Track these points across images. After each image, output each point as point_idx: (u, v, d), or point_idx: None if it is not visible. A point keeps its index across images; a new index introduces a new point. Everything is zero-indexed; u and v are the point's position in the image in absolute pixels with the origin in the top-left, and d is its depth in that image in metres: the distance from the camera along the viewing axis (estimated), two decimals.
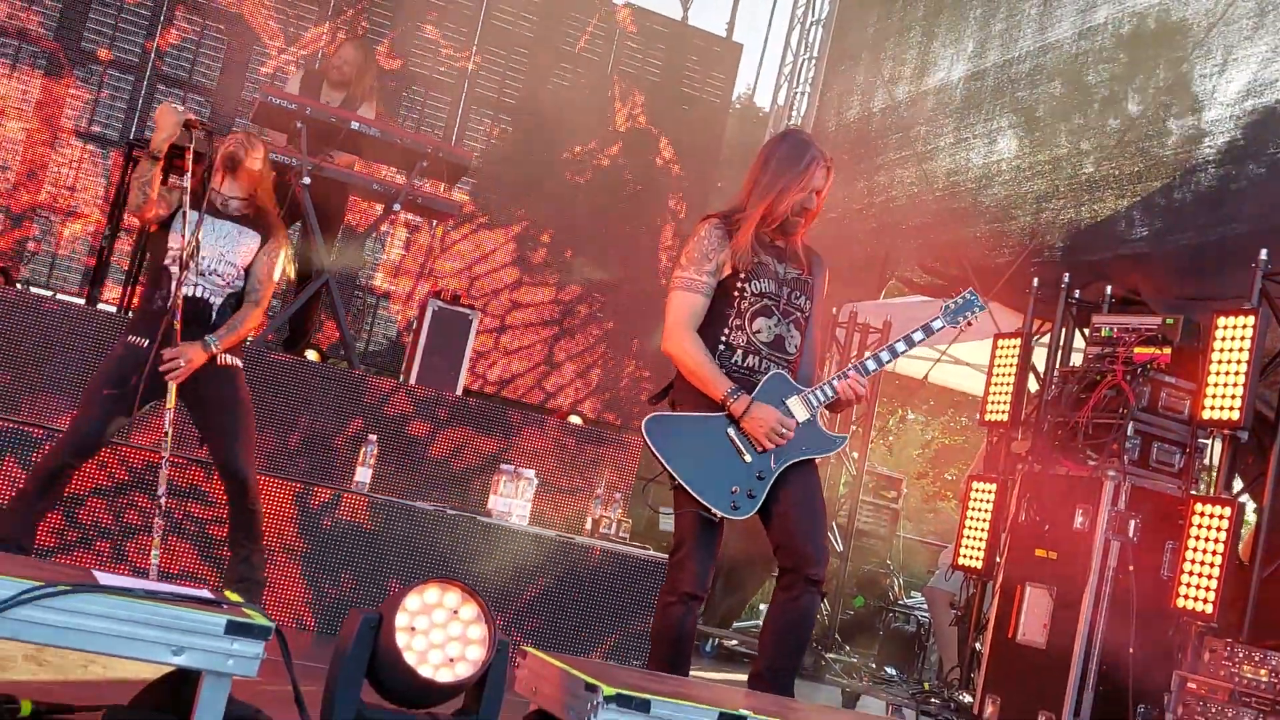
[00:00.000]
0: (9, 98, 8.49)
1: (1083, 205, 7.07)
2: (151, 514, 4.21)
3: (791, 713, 3.08)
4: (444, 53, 9.51)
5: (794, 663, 3.65)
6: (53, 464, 4.28)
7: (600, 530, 5.80)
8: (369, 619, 2.57)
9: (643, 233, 9.96)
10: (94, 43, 8.72)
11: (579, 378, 9.68)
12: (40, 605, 2.25)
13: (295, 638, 4.60)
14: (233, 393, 4.46)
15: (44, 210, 8.54)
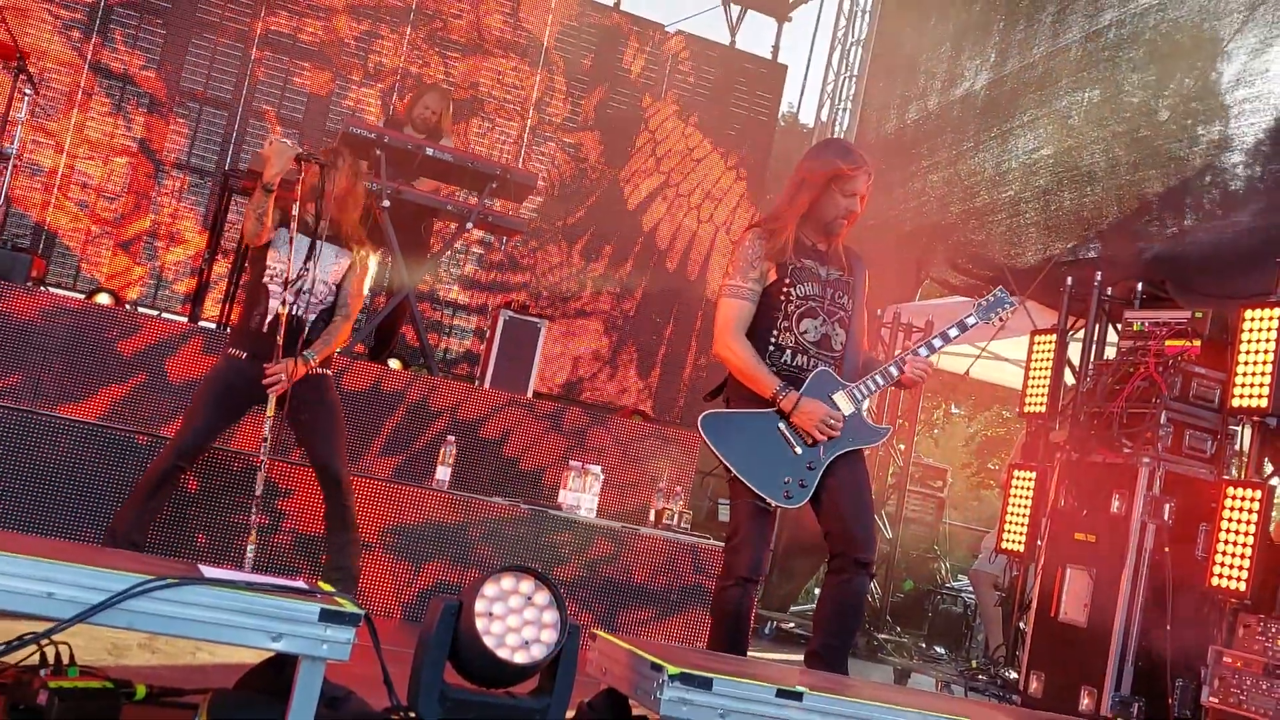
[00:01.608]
0: (115, 135, 8.67)
1: (1113, 206, 6.96)
2: (249, 512, 4.27)
3: (845, 688, 3.06)
4: (510, 81, 9.57)
5: (846, 641, 3.63)
6: (162, 467, 4.33)
7: (663, 521, 5.79)
8: (450, 606, 2.58)
9: (696, 244, 9.96)
10: (191, 82, 8.88)
11: (640, 379, 9.70)
12: (151, 597, 2.28)
13: (383, 624, 4.60)
14: (324, 397, 4.50)
15: (149, 237, 8.71)
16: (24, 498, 4.70)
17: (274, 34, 9.04)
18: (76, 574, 2.25)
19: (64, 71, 8.51)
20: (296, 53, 9.09)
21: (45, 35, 8.46)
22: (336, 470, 4.47)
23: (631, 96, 9.88)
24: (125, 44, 8.71)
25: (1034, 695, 5.80)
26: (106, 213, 8.62)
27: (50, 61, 8.42)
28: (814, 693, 2.75)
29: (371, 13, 9.26)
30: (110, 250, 8.61)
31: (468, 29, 9.47)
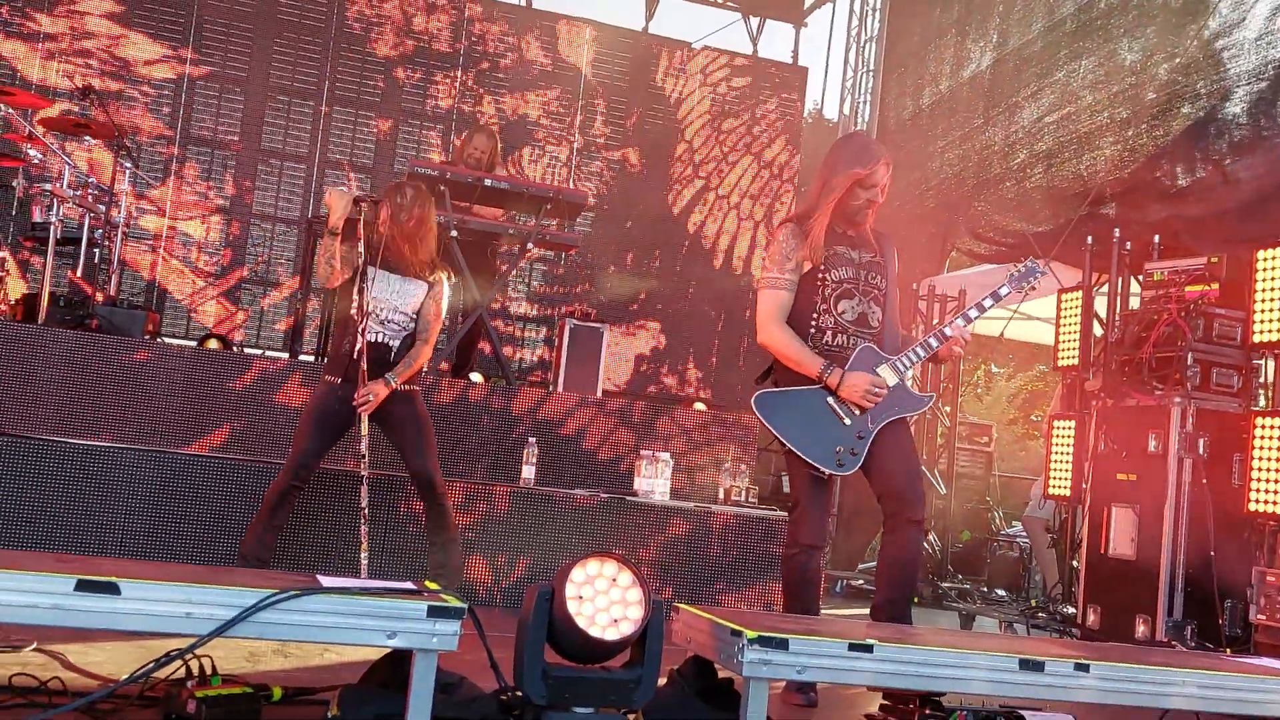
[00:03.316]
0: (209, 195, 8.85)
1: (1126, 165, 6.82)
2: (358, 523, 4.35)
3: (910, 637, 3.05)
4: (554, 109, 9.62)
5: (907, 593, 3.61)
6: (279, 489, 4.41)
7: (731, 498, 5.79)
8: (543, 592, 2.59)
9: (738, 240, 9.93)
10: (270, 141, 9.04)
11: (699, 370, 9.70)
12: (278, 609, 2.33)
13: (486, 614, 4.64)
14: (413, 411, 4.54)
15: (248, 283, 8.88)
16: (159, 528, 4.81)
17: (340, 90, 9.17)
18: (210, 594, 2.30)
19: (159, 144, 8.71)
20: (361, 105, 9.21)
21: (139, 113, 8.65)
22: (430, 478, 4.53)
23: (666, 111, 9.88)
24: (209, 114, 8.89)
25: (1092, 627, 5.73)
26: (208, 266, 8.80)
27: (146, 136, 8.62)
28: (883, 644, 2.74)
29: (424, 62, 9.35)
30: (215, 299, 8.80)
31: (512, 66, 9.53)
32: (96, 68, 8.55)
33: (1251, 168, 5.92)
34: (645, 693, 2.59)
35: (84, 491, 4.72)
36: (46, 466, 4.68)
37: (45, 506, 4.66)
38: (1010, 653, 2.86)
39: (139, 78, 8.71)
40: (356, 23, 9.23)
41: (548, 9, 9.96)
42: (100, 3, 8.64)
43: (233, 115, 8.94)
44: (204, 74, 8.87)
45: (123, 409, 5.30)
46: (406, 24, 9.35)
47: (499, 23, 9.59)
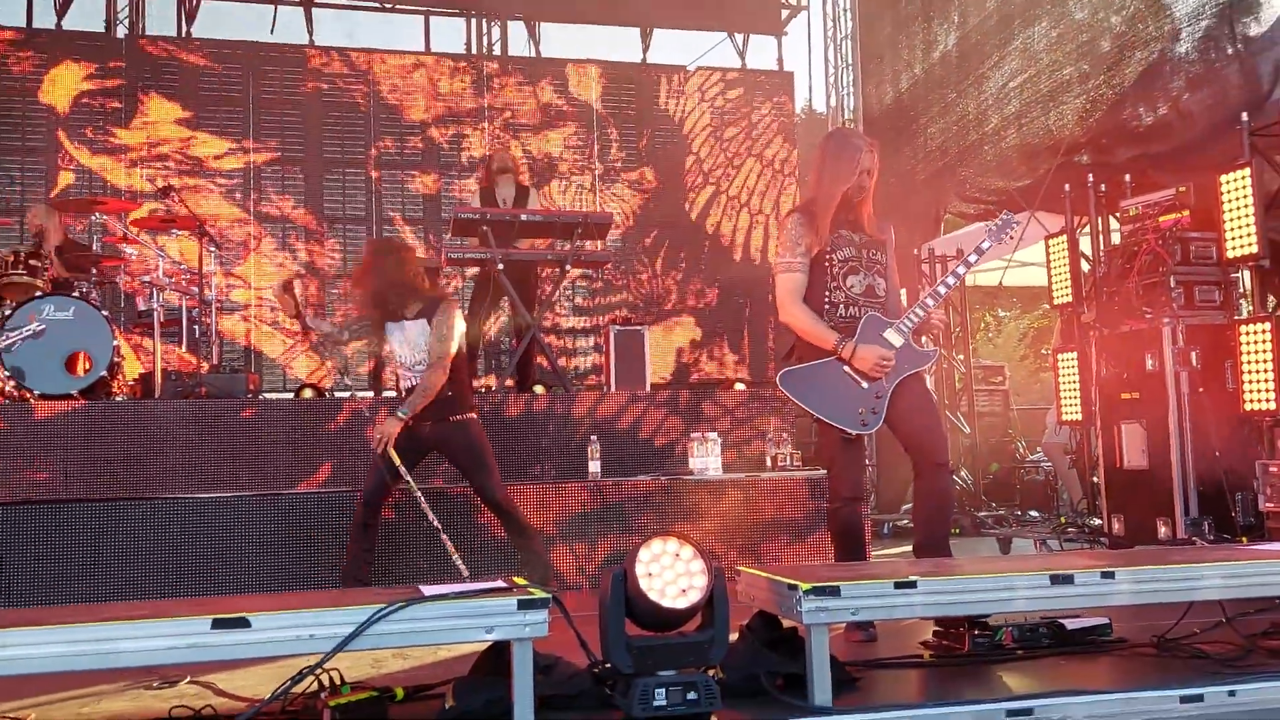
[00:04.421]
0: (286, 264, 8.98)
1: (1091, 114, 6.71)
2: (439, 535, 4.37)
3: (950, 569, 3.03)
4: (574, 143, 9.64)
5: (943, 530, 3.57)
6: (359, 519, 4.43)
7: (778, 464, 5.76)
8: (617, 574, 2.60)
9: (752, 234, 9.89)
10: (332, 208, 9.15)
11: (734, 354, 9.67)
12: (388, 620, 2.36)
13: (576, 597, 4.67)
14: (466, 438, 4.48)
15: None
16: (279, 562, 4.86)
17: (385, 155, 9.25)
18: (329, 615, 2.34)
19: (236, 226, 8.85)
20: (405, 165, 9.29)
21: (215, 202, 8.80)
22: (491, 496, 4.51)
23: (673, 129, 9.86)
24: (276, 192, 9.01)
25: (1118, 535, 5.64)
26: (294, 325, 8.92)
27: (224, 221, 8.75)
28: (925, 578, 2.73)
29: (455, 119, 9.41)
30: (303, 354, 8.92)
31: (531, 112, 9.56)
32: (173, 168, 8.70)
33: (1204, 100, 5.79)
34: (719, 650, 2.59)
35: (212, 539, 4.80)
36: (178, 521, 4.78)
37: (181, 556, 4.75)
38: (1042, 570, 2.83)
39: (211, 170, 8.86)
40: (390, 94, 9.31)
41: (555, 56, 9.97)
42: (169, 112, 8.80)
43: (296, 191, 9.06)
44: (266, 159, 9.00)
45: (236, 461, 5.39)
46: (434, 89, 9.41)
47: (514, 74, 9.62)
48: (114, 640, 2.21)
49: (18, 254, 5.93)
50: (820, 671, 2.57)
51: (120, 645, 2.22)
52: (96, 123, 8.64)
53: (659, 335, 9.24)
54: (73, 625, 2.20)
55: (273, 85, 9.05)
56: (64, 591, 4.55)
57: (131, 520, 4.72)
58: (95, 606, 2.74)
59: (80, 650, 2.19)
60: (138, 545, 4.70)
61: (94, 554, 4.64)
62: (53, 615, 2.38)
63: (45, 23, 8.93)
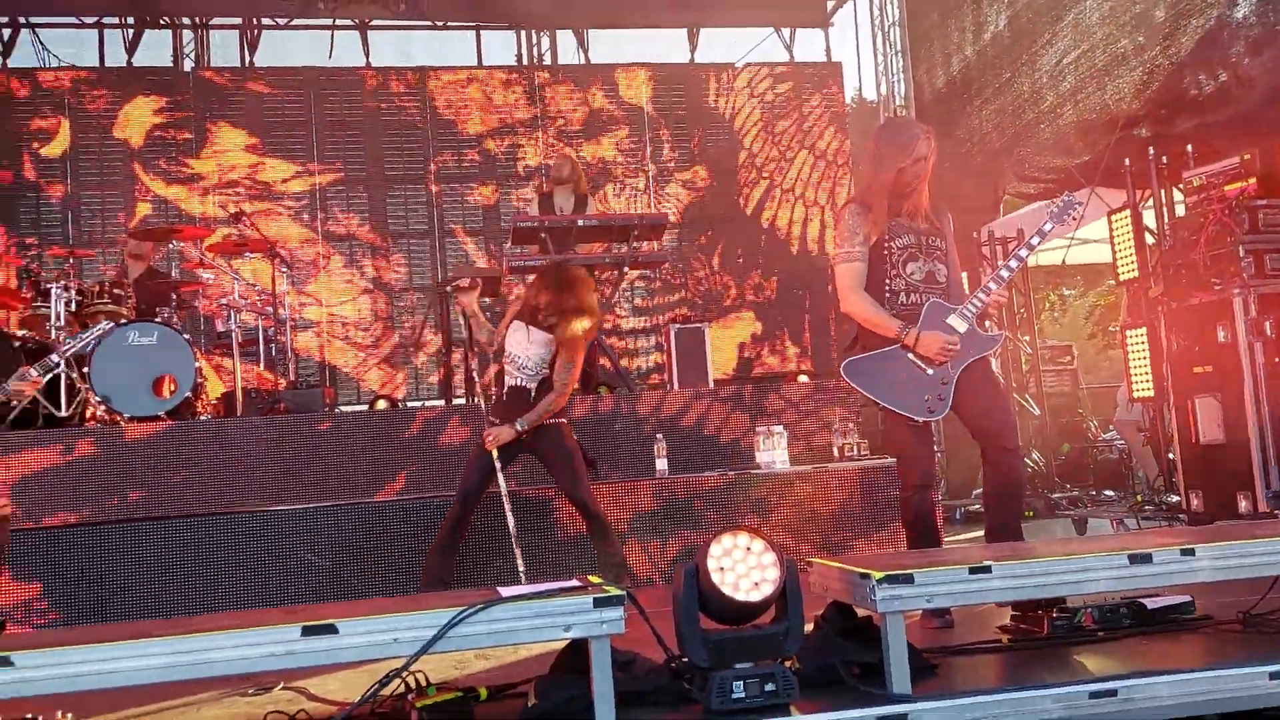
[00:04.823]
0: (354, 280, 9.14)
1: (1149, 86, 6.52)
2: (510, 538, 4.41)
3: (1024, 552, 2.97)
4: (626, 146, 9.66)
5: (1015, 514, 3.50)
6: (452, 519, 4.51)
7: (845, 454, 5.72)
8: (689, 570, 2.60)
9: (808, 225, 9.81)
10: (396, 223, 9.30)
11: (795, 346, 9.60)
12: (468, 623, 2.39)
13: (650, 593, 4.67)
14: (558, 442, 4.56)
15: (401, 348, 9.14)
16: (362, 569, 4.95)
17: (444, 170, 9.38)
18: (412, 619, 2.38)
19: (306, 246, 9.04)
20: (463, 178, 9.41)
21: (285, 224, 9.00)
22: (580, 499, 4.56)
23: (723, 126, 9.83)
24: (341, 211, 9.19)
25: (1197, 510, 5.48)
26: (365, 339, 9.09)
27: (294, 242, 8.95)
28: (1000, 563, 2.68)
29: (509, 130, 9.50)
30: (376, 366, 9.07)
31: (583, 119, 9.60)
32: (244, 193, 8.92)
33: (1265, 64, 5.59)
34: (794, 641, 2.58)
35: (296, 549, 4.91)
36: (263, 533, 4.90)
37: (269, 566, 4.87)
38: (1119, 550, 2.76)
39: (279, 194, 9.06)
40: (446, 110, 9.43)
41: (604, 61, 10.00)
42: (237, 139, 9.02)
43: (360, 209, 9.22)
44: (330, 179, 9.18)
45: (316, 473, 5.51)
46: (488, 101, 9.51)
47: (565, 83, 9.68)
48: (209, 650, 2.28)
49: (102, 284, 6.14)
50: (897, 659, 2.55)
51: (215, 655, 2.28)
52: (169, 154, 8.89)
53: (719, 331, 9.21)
54: (170, 637, 2.27)
55: (333, 108, 9.22)
56: (158, 605, 4.69)
57: (220, 534, 4.84)
58: (190, 619, 2.82)
59: (178, 661, 2.25)
60: (226, 558, 4.82)
61: (186, 567, 4.78)
62: (151, 629, 2.46)
63: (116, 60, 9.23)
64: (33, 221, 8.70)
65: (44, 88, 8.82)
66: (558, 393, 4.52)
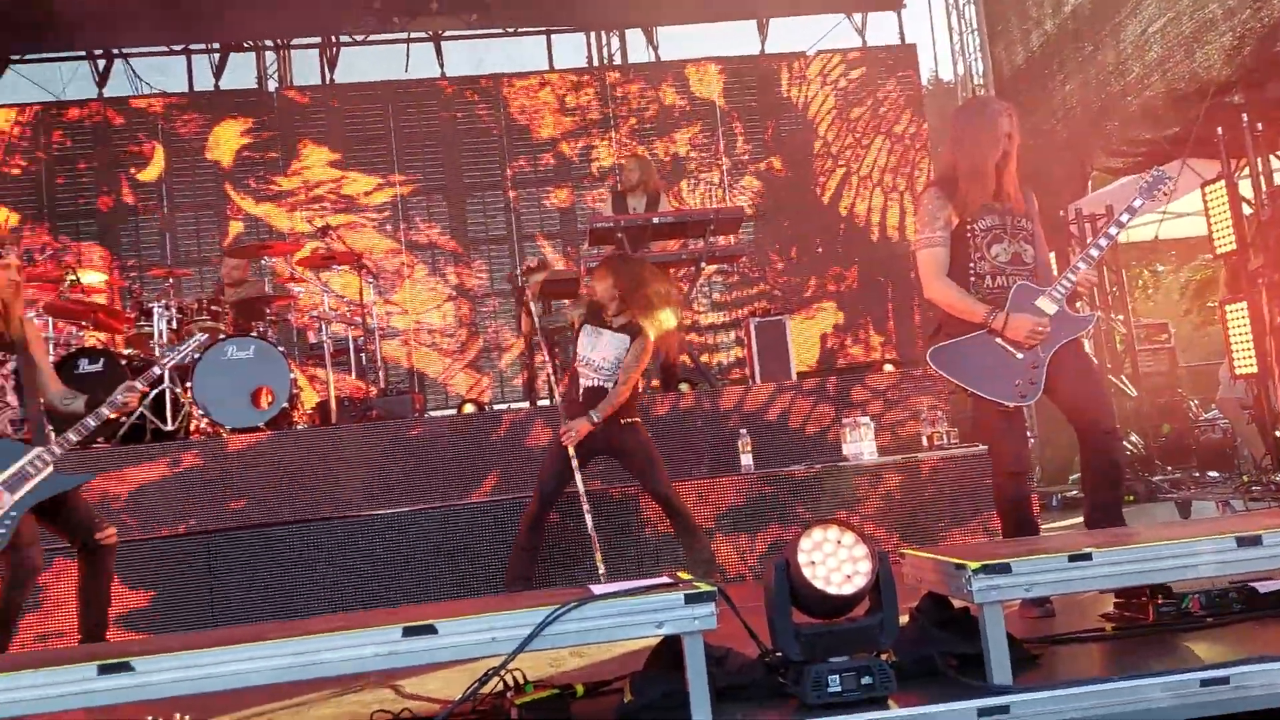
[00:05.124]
0: (438, 288, 9.32)
1: (1240, 51, 6.25)
2: (589, 537, 4.43)
3: (1126, 538, 2.88)
4: (699, 141, 9.64)
5: (1115, 498, 3.40)
6: (531, 518, 4.55)
7: (935, 443, 5.61)
8: (779, 565, 2.58)
9: (888, 212, 9.66)
10: (475, 230, 9.45)
11: (879, 335, 9.47)
12: (562, 621, 2.41)
13: (740, 589, 4.64)
14: (636, 440, 4.60)
15: (485, 352, 9.28)
16: (456, 570, 5.03)
17: (520, 175, 9.50)
18: (507, 618, 2.42)
19: (390, 256, 9.25)
20: (539, 182, 9.51)
21: (369, 235, 9.22)
22: (662, 493, 4.59)
23: (797, 116, 9.74)
24: (422, 220, 9.37)
25: None
26: (451, 344, 9.26)
27: (379, 252, 9.16)
28: (1101, 550, 2.61)
29: (582, 131, 9.57)
30: (462, 371, 9.24)
31: (655, 116, 9.62)
32: (329, 207, 9.17)
33: None
34: (890, 634, 2.55)
35: (394, 552, 5.02)
36: (362, 537, 5.02)
37: (366, 570, 4.99)
38: (1226, 533, 2.66)
39: (363, 206, 9.29)
40: (520, 116, 9.54)
41: (674, 58, 10.01)
42: (321, 156, 9.28)
43: (440, 217, 9.40)
44: (411, 190, 9.37)
45: (409, 477, 5.63)
46: (560, 104, 9.59)
47: (636, 81, 9.71)
48: (318, 652, 2.35)
49: (200, 301, 6.37)
50: (997, 650, 2.50)
51: (322, 656, 2.35)
52: (258, 173, 9.19)
53: (800, 323, 9.14)
54: (282, 640, 2.35)
55: (411, 119, 9.41)
56: (263, 608, 4.85)
57: (319, 539, 4.99)
58: (298, 622, 2.92)
59: (290, 663, 2.33)
60: (326, 561, 4.96)
61: (287, 572, 4.93)
62: (263, 632, 2.55)
63: (204, 85, 9.58)
64: (133, 244, 9.08)
65: (138, 115, 9.19)
66: (623, 382, 4.54)
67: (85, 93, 9.39)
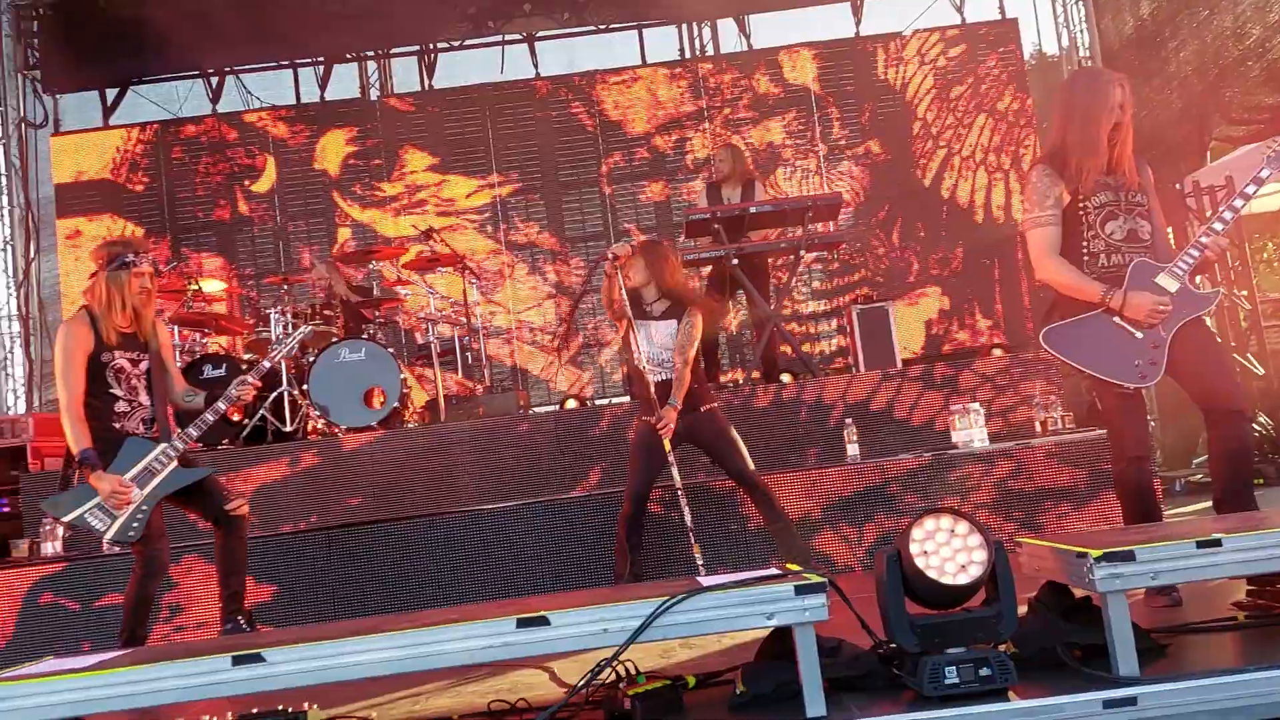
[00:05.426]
0: (538, 286, 9.45)
1: None
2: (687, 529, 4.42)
3: (1258, 523, 2.75)
4: (794, 128, 9.54)
5: (1245, 481, 3.24)
6: (627, 516, 4.55)
7: (1049, 429, 5.46)
8: (890, 556, 2.54)
9: (992, 192, 9.39)
10: (572, 228, 9.55)
11: (986, 319, 9.22)
12: (672, 613, 2.43)
13: (849, 580, 4.59)
14: (717, 426, 4.58)
15: (586, 348, 9.37)
16: (565, 562, 5.09)
17: (615, 171, 9.55)
18: (618, 610, 2.45)
19: (491, 256, 9.42)
20: (634, 177, 9.55)
21: (471, 236, 9.41)
22: (748, 477, 4.55)
23: (894, 98, 9.54)
24: (521, 220, 9.51)
25: None
26: (552, 342, 9.38)
27: (480, 253, 9.34)
28: (1231, 535, 2.49)
29: (676, 125, 9.57)
30: (564, 367, 9.35)
31: (749, 105, 9.56)
32: (432, 211, 9.38)
33: None
34: (1009, 624, 2.49)
35: (504, 545, 5.12)
36: (474, 531, 5.14)
37: (480, 563, 5.10)
38: None
39: (464, 209, 9.48)
40: (614, 111, 9.60)
41: (767, 45, 9.91)
42: (422, 160, 9.50)
43: (539, 216, 9.52)
44: (510, 191, 9.52)
45: (516, 472, 5.74)
46: (653, 99, 9.61)
47: (729, 71, 9.66)
48: (435, 643, 2.42)
49: (314, 306, 6.62)
50: (1122, 640, 2.41)
51: (441, 647, 2.42)
52: (363, 180, 9.47)
53: (904, 309, 8.97)
54: (403, 632, 2.43)
55: (508, 121, 9.56)
56: (380, 601, 5.01)
57: (431, 533, 5.12)
58: (415, 614, 3.01)
59: (410, 654, 2.41)
60: (438, 555, 5.09)
61: (402, 565, 5.07)
62: (383, 624, 2.64)
63: (311, 97, 9.91)
64: (249, 253, 9.46)
65: (249, 128, 9.57)
66: (684, 363, 4.51)
67: (200, 109, 9.82)
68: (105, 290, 3.87)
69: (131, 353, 3.92)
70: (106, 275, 3.87)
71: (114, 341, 3.87)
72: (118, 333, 3.89)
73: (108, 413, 3.84)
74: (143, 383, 3.94)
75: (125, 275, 3.87)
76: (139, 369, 3.94)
